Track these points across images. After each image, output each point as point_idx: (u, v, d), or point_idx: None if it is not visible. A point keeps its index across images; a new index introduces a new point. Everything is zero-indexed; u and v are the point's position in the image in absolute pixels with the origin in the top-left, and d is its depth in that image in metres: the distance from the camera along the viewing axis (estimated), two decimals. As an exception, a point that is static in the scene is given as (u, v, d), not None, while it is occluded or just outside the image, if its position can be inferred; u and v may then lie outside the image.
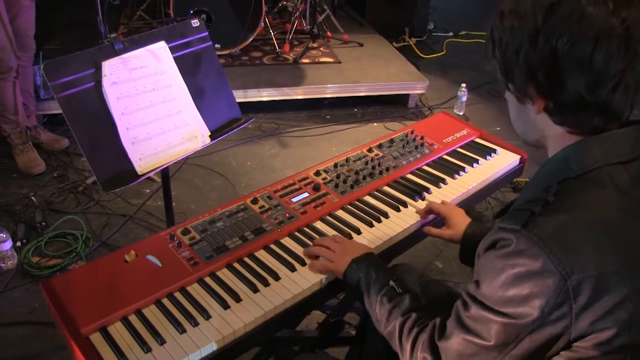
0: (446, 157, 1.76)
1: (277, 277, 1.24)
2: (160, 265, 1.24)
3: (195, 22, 1.68)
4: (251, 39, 3.93)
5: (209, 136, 1.67)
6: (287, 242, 1.36)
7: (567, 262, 0.77)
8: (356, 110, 3.85)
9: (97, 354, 1.04)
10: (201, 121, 1.65)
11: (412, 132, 1.83)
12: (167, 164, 1.57)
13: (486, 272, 0.86)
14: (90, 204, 2.74)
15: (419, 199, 1.54)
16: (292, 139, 3.45)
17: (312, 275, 1.25)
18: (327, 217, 1.45)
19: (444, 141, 1.81)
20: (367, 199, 1.54)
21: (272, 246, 1.34)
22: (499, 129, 3.61)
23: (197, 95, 1.66)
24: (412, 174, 1.66)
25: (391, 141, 1.78)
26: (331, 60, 4.07)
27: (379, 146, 1.75)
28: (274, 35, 4.13)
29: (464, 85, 3.75)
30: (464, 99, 3.76)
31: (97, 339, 1.08)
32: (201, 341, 1.08)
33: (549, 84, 0.83)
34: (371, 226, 1.42)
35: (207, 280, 1.23)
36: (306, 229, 1.40)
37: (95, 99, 1.48)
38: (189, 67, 1.66)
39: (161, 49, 1.59)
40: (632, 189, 0.83)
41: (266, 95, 3.62)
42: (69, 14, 4.57)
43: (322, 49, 4.26)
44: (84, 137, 1.45)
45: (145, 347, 1.05)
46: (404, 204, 1.51)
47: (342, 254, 1.23)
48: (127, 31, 4.11)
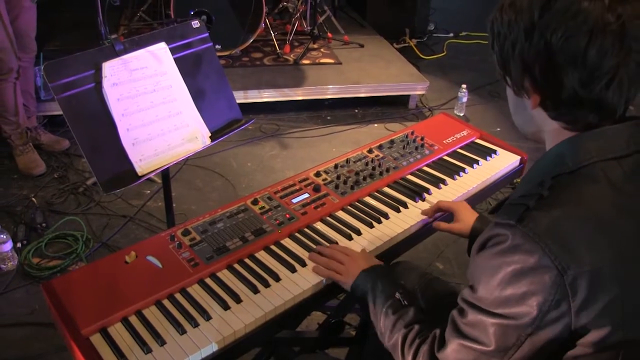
0: (446, 158, 1.76)
1: (277, 278, 1.24)
2: (160, 266, 1.24)
3: (195, 23, 1.68)
4: (252, 40, 3.94)
5: (210, 137, 1.67)
6: (287, 243, 1.36)
7: (562, 257, 0.76)
8: (356, 111, 3.86)
9: (98, 354, 1.04)
10: (201, 122, 1.65)
11: (412, 133, 1.83)
12: (168, 165, 1.57)
13: (481, 272, 0.85)
14: (90, 205, 2.74)
15: (419, 199, 1.54)
16: (293, 140, 3.45)
17: (312, 276, 1.25)
18: (328, 218, 1.45)
19: (444, 142, 1.81)
20: (368, 199, 1.54)
21: (273, 247, 1.34)
22: (499, 129, 3.61)
23: (198, 96, 1.66)
24: (412, 174, 1.66)
25: (391, 142, 1.78)
26: (332, 61, 4.07)
27: (379, 147, 1.76)
28: (274, 36, 4.13)
29: (464, 86, 3.75)
30: (465, 100, 3.77)
31: (97, 340, 1.08)
32: (201, 342, 1.08)
33: (544, 78, 0.84)
34: (371, 227, 1.42)
35: (208, 281, 1.23)
36: (306, 229, 1.40)
37: (95, 100, 1.48)
38: (189, 68, 1.66)
39: (162, 50, 1.60)
40: (625, 185, 0.83)
41: (267, 96, 3.62)
42: (70, 15, 4.58)
43: (322, 50, 4.27)
44: (84, 138, 1.45)
45: (145, 348, 1.05)
46: (404, 205, 1.51)
47: (350, 265, 1.22)
48: (127, 32, 4.12)
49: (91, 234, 2.53)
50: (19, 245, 2.40)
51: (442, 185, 1.61)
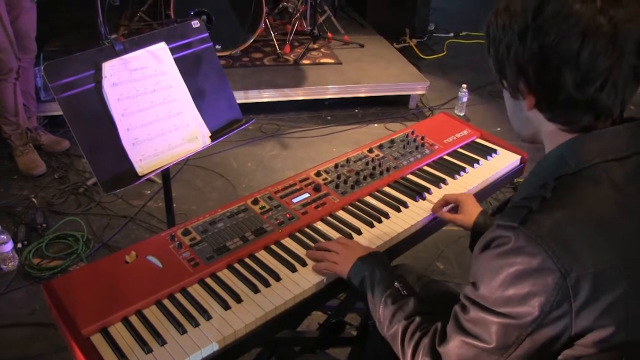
0: (447, 157, 1.76)
1: (277, 278, 1.24)
2: (160, 266, 1.24)
3: (195, 23, 1.68)
4: (252, 40, 3.94)
5: (210, 137, 1.67)
6: (287, 242, 1.36)
7: (565, 260, 0.77)
8: (357, 111, 3.86)
9: (98, 354, 1.04)
10: (202, 122, 1.65)
11: (412, 133, 1.83)
12: (168, 165, 1.57)
13: (484, 272, 0.86)
14: (91, 205, 2.74)
15: (420, 199, 1.54)
16: (293, 139, 3.45)
17: (312, 275, 1.25)
18: (328, 218, 1.45)
19: (444, 141, 1.81)
20: (368, 199, 1.54)
21: (273, 247, 1.34)
22: (499, 129, 3.61)
23: (198, 96, 1.66)
24: (412, 174, 1.66)
25: (392, 142, 1.78)
26: (332, 61, 4.07)
27: (380, 147, 1.75)
28: (274, 36, 4.13)
29: (464, 86, 3.75)
30: (465, 99, 3.77)
31: (97, 340, 1.08)
32: (202, 342, 1.08)
33: (538, 80, 0.85)
34: (372, 226, 1.42)
35: (208, 280, 1.23)
36: (307, 229, 1.40)
37: (95, 100, 1.48)
38: (189, 68, 1.66)
39: (162, 50, 1.59)
40: (627, 186, 0.83)
41: (267, 96, 3.62)
42: (70, 15, 4.58)
43: (322, 50, 4.27)
44: (84, 138, 1.45)
45: (146, 348, 1.05)
46: (404, 204, 1.51)
47: (346, 254, 1.23)
48: (127, 32, 4.12)
49: (91, 234, 2.53)
50: (19, 245, 2.41)
51: (442, 184, 1.61)
